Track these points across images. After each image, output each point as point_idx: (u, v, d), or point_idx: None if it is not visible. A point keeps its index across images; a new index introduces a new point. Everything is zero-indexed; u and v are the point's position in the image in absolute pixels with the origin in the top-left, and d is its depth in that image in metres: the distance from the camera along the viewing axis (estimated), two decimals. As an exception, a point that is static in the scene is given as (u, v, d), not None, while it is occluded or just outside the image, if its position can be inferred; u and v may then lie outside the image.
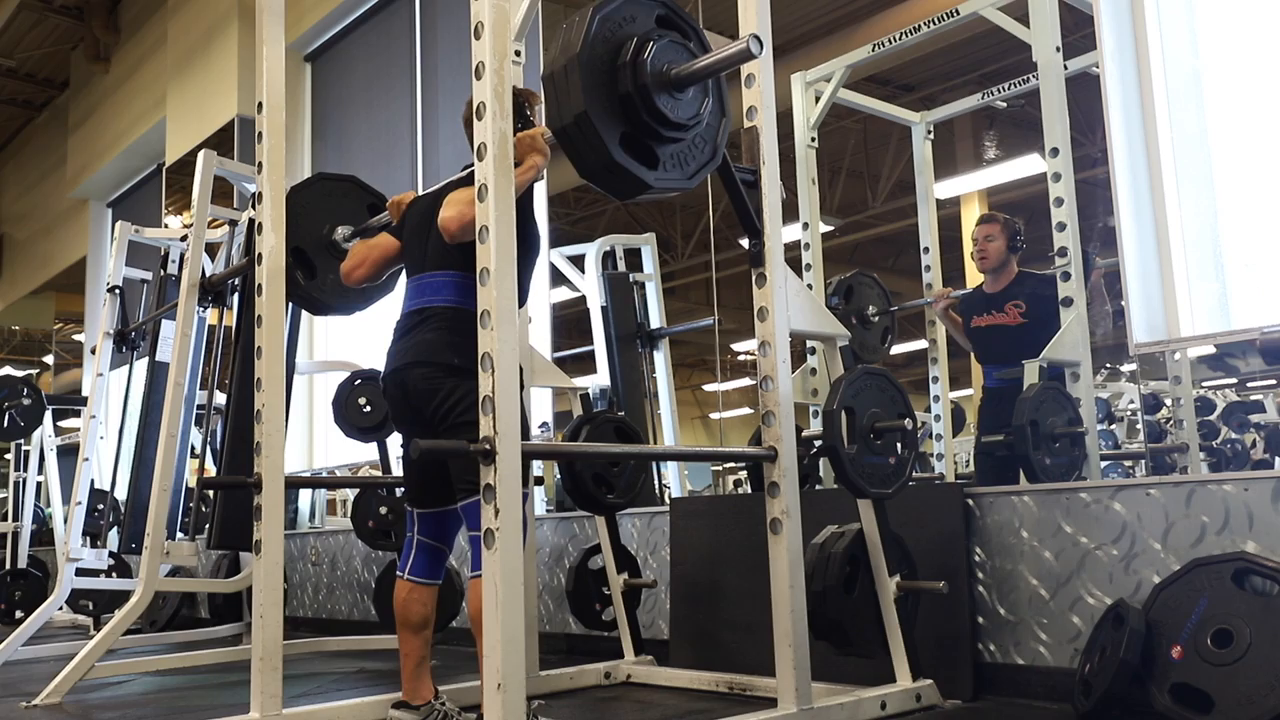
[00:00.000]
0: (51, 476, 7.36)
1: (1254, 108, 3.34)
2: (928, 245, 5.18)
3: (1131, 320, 3.33)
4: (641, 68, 2.23)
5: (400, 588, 2.86)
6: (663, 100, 2.26)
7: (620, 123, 2.24)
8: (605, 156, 2.22)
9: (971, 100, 5.23)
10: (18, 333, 16.09)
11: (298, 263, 3.37)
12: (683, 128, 2.32)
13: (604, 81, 2.22)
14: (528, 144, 2.59)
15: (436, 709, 2.80)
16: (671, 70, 2.28)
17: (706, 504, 4.53)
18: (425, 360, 2.70)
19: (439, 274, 2.79)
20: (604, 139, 2.20)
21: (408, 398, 2.75)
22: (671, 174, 2.35)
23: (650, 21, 2.33)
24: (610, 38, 2.24)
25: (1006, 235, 4.37)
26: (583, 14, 2.22)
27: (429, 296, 2.79)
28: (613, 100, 2.23)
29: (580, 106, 2.17)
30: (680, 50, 2.32)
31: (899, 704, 2.88)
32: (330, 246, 3.47)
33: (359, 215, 3.53)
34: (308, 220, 3.42)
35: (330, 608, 5.92)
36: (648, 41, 2.26)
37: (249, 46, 7.36)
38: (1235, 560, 2.58)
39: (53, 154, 11.97)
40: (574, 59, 2.17)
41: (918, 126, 5.31)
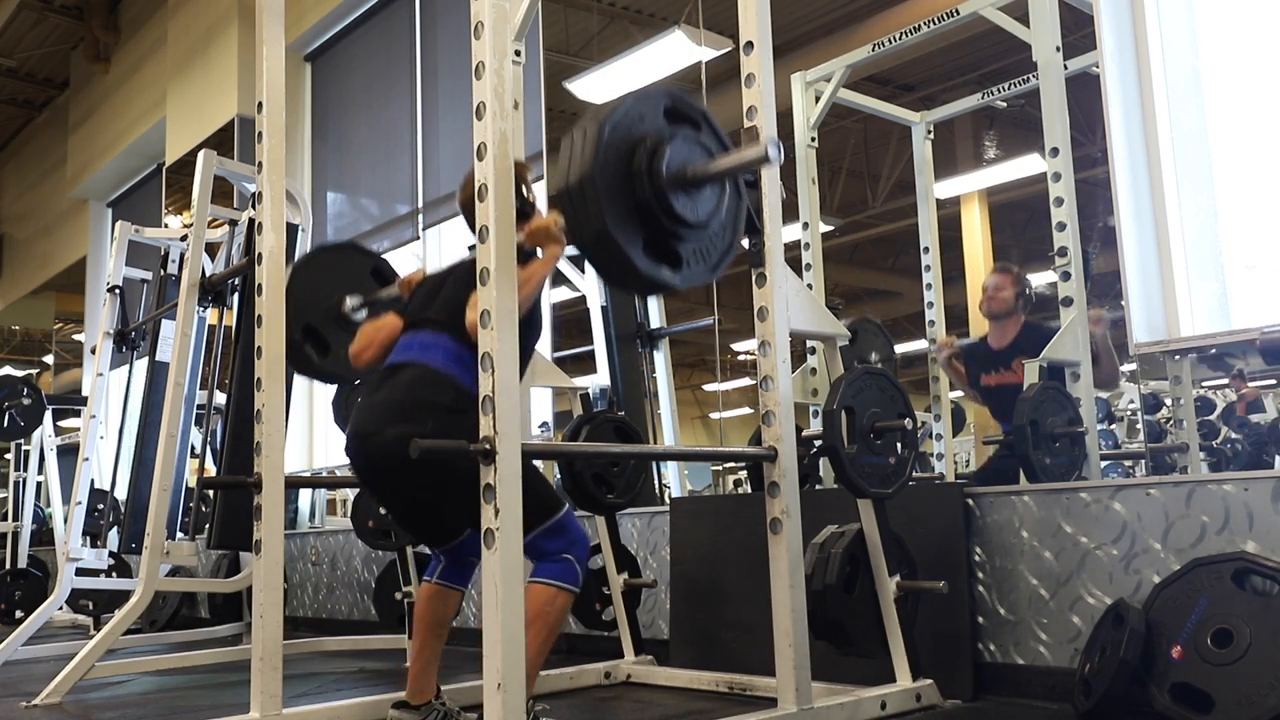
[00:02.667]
0: (51, 476, 7.36)
1: (1254, 108, 3.34)
2: (928, 245, 5.18)
3: (1131, 320, 3.33)
4: (657, 174, 2.16)
5: (424, 590, 2.86)
6: (680, 202, 2.19)
7: (640, 230, 2.18)
8: (629, 266, 2.17)
9: (971, 100, 5.23)
10: (18, 333, 16.09)
11: (310, 340, 3.34)
12: (703, 225, 2.27)
13: (621, 192, 2.15)
14: (543, 234, 2.55)
15: (436, 709, 2.80)
16: (687, 170, 2.21)
17: (706, 504, 4.54)
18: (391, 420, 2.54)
19: (432, 333, 2.69)
20: (627, 252, 2.14)
21: (372, 468, 2.65)
22: (696, 269, 2.30)
23: (659, 117, 2.25)
24: (622, 144, 2.17)
25: (1017, 289, 4.33)
26: (592, 121, 2.14)
27: (415, 353, 2.66)
28: (631, 210, 2.16)
29: (600, 224, 2.10)
30: (693, 147, 2.25)
31: (899, 704, 2.88)
32: (340, 318, 3.41)
33: (363, 279, 3.47)
34: (314, 295, 3.37)
35: (330, 608, 5.92)
36: (660, 143, 2.18)
37: (249, 46, 7.36)
38: (1235, 560, 2.58)
39: (53, 154, 11.97)
40: (589, 175, 2.09)
41: (918, 126, 5.31)
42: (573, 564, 2.57)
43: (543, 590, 2.51)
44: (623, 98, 2.20)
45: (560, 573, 2.54)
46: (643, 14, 7.45)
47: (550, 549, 2.53)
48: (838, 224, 9.58)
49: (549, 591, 2.52)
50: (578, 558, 2.59)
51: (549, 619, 2.51)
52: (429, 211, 6.70)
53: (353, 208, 7.63)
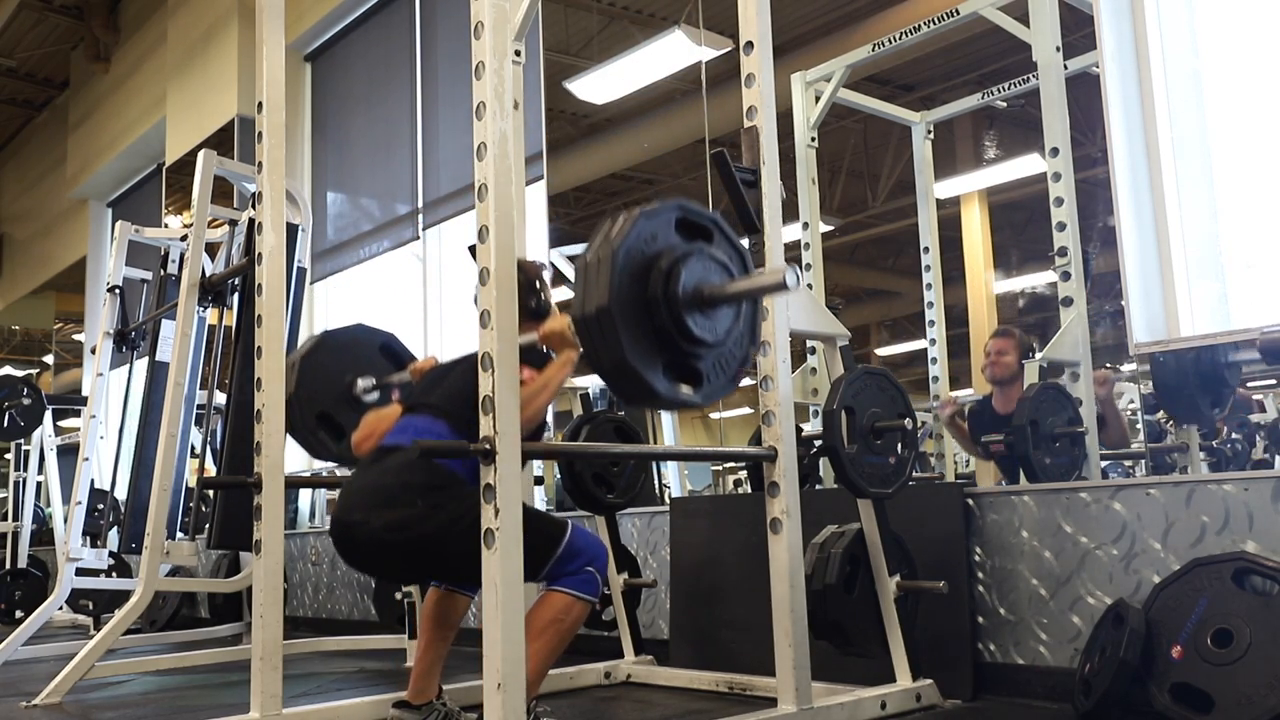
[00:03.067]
0: (51, 476, 7.35)
1: (1254, 108, 3.34)
2: (928, 245, 5.18)
3: (1131, 320, 3.33)
4: (674, 299, 2.13)
5: (433, 593, 2.87)
6: (698, 323, 2.17)
7: (659, 354, 2.16)
8: (650, 391, 2.15)
9: (971, 100, 5.23)
10: (18, 332, 16.09)
11: (324, 427, 3.34)
12: (721, 342, 2.25)
13: (638, 319, 2.13)
14: (558, 339, 2.56)
15: (437, 709, 2.80)
16: (704, 292, 2.18)
17: (706, 504, 4.53)
18: (375, 510, 2.52)
19: (429, 419, 2.67)
20: (647, 378, 2.13)
21: (357, 554, 2.63)
22: (716, 383, 2.28)
23: (671, 232, 2.22)
24: (636, 268, 2.14)
25: (1019, 351, 4.27)
26: (604, 251, 2.11)
27: (409, 437, 2.60)
28: (649, 335, 2.14)
29: (618, 353, 2.09)
30: (708, 263, 2.21)
31: (899, 703, 2.88)
32: (352, 400, 3.39)
33: (374, 359, 3.46)
34: (325, 381, 3.37)
35: (330, 607, 5.92)
36: (675, 265, 2.15)
37: (249, 46, 7.37)
38: (1235, 560, 2.58)
39: (52, 154, 11.96)
40: (605, 308, 2.07)
41: (918, 126, 5.31)
42: (593, 575, 2.61)
43: (560, 598, 2.55)
44: (634, 217, 2.16)
45: (580, 584, 2.58)
46: (643, 14, 7.45)
47: (570, 569, 2.57)
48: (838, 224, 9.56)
49: (566, 600, 2.56)
50: (598, 569, 2.63)
51: (562, 627, 2.55)
52: (429, 211, 6.70)
53: (353, 207, 7.63)
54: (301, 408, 3.28)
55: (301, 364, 3.30)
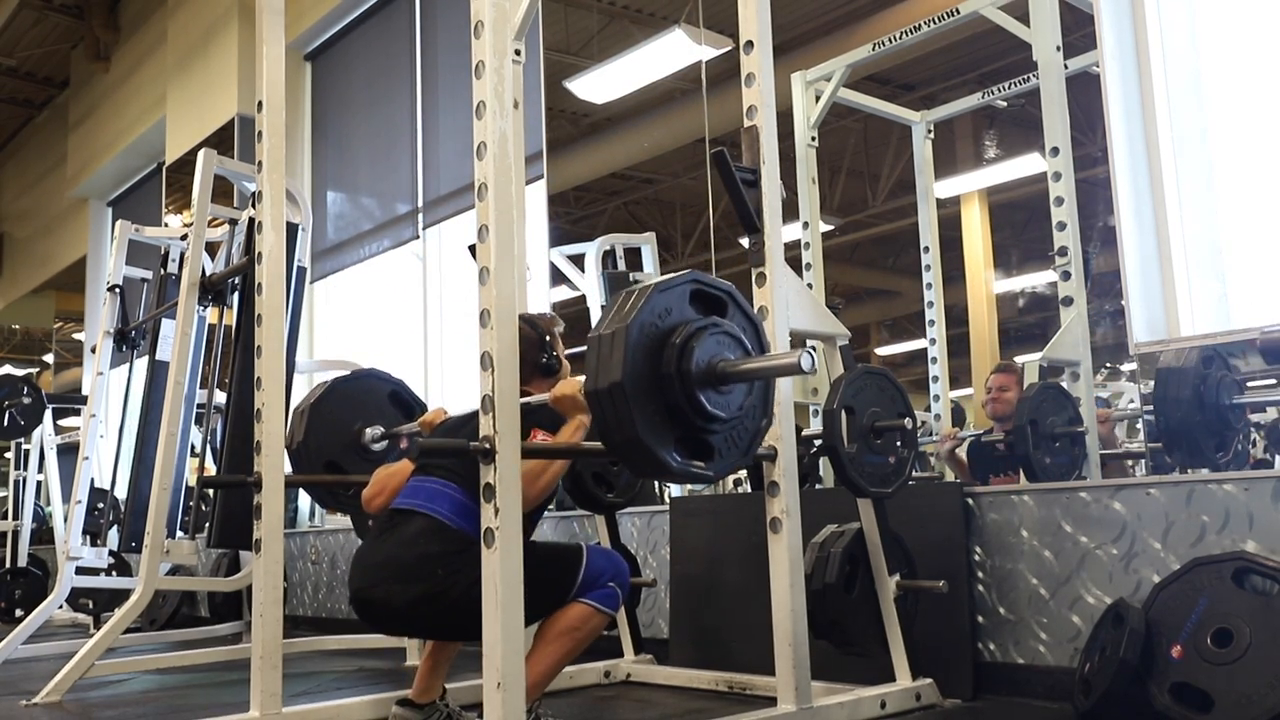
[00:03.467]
0: (51, 475, 7.36)
1: (1254, 107, 3.34)
2: (928, 245, 5.18)
3: (1131, 319, 3.33)
4: (687, 376, 2.13)
5: None
6: (711, 399, 2.17)
7: (671, 430, 2.16)
8: (663, 466, 2.16)
9: (972, 99, 5.23)
10: (18, 331, 16.09)
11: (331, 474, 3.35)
12: (733, 418, 2.25)
13: (650, 395, 2.12)
14: (569, 403, 2.55)
15: (440, 709, 2.80)
16: (717, 369, 2.18)
17: (706, 503, 4.53)
18: (395, 585, 2.53)
19: (440, 482, 2.64)
20: (659, 454, 2.13)
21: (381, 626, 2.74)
22: (729, 458, 2.29)
23: (685, 306, 2.22)
24: (650, 344, 2.13)
25: (1020, 387, 4.25)
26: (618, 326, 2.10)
27: (421, 501, 2.62)
28: (661, 411, 2.14)
29: (631, 430, 2.08)
30: (722, 341, 2.21)
31: (898, 703, 2.88)
32: (361, 450, 3.39)
33: (383, 408, 3.47)
34: (335, 429, 3.37)
35: (330, 606, 5.92)
36: (689, 341, 2.15)
37: (249, 45, 7.37)
38: (1235, 560, 2.58)
39: (53, 153, 11.96)
40: (618, 385, 2.06)
41: (918, 126, 5.31)
42: (615, 591, 2.64)
43: (581, 609, 2.57)
44: (649, 292, 2.16)
45: (603, 597, 2.61)
46: (643, 13, 7.44)
47: (594, 593, 2.60)
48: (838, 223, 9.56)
49: (586, 611, 2.58)
50: (621, 584, 2.67)
51: (578, 635, 2.57)
52: (429, 211, 6.70)
53: (353, 207, 7.63)
54: (309, 457, 3.28)
55: (310, 412, 3.29)
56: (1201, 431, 3.35)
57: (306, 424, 3.28)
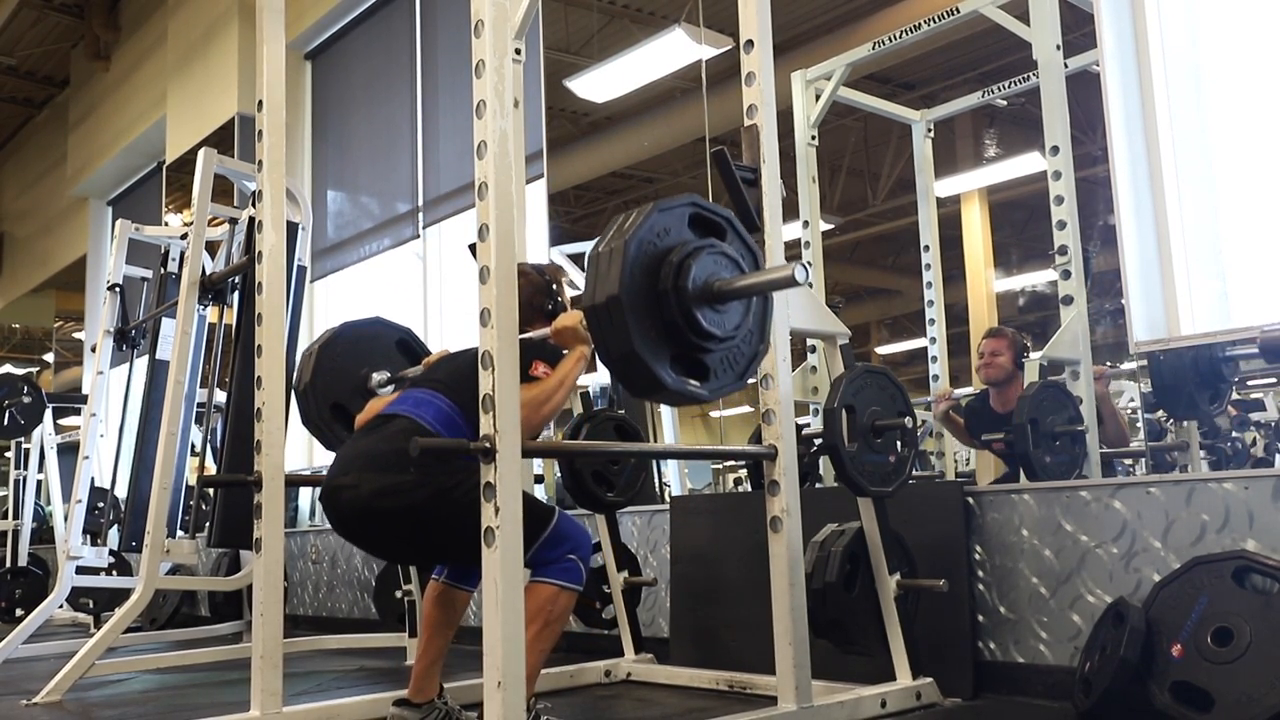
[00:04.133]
0: (52, 474, 7.36)
1: (1255, 106, 3.34)
2: (928, 244, 5.18)
3: (1132, 318, 3.33)
4: (683, 292, 2.15)
5: (432, 588, 2.85)
6: (707, 317, 2.19)
7: (667, 346, 2.18)
8: (657, 383, 2.17)
9: (972, 98, 5.23)
10: (18, 331, 16.09)
11: (338, 418, 3.33)
12: (729, 338, 2.27)
13: (647, 310, 2.14)
14: (570, 334, 2.57)
15: (438, 708, 2.80)
16: (713, 287, 2.20)
17: (706, 502, 4.54)
18: (365, 474, 2.52)
19: (429, 392, 2.68)
20: (654, 369, 2.14)
21: (345, 520, 2.60)
22: (724, 379, 2.30)
23: (684, 228, 2.24)
24: (648, 261, 2.15)
25: (1013, 351, 4.27)
26: (617, 242, 2.13)
27: (407, 407, 2.64)
28: (658, 327, 2.16)
29: (627, 344, 2.10)
30: (720, 260, 2.23)
31: (899, 702, 2.88)
32: (367, 394, 3.39)
33: (390, 353, 3.46)
34: (342, 373, 3.36)
35: (330, 606, 5.92)
36: (686, 259, 2.17)
37: (249, 44, 7.36)
38: (1235, 558, 2.58)
39: (53, 152, 11.96)
40: (615, 298, 2.09)
41: (918, 125, 5.31)
42: (576, 564, 2.58)
43: (544, 589, 2.51)
44: (648, 210, 2.18)
45: (563, 572, 2.55)
46: (643, 12, 7.44)
47: (552, 556, 2.54)
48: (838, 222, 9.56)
49: (550, 590, 2.52)
50: (581, 558, 2.60)
51: (549, 617, 2.51)
52: (429, 210, 6.70)
53: (353, 206, 7.63)
54: (316, 398, 3.29)
55: (319, 354, 3.30)
56: (1194, 383, 3.38)
57: (314, 366, 3.29)
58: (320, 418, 3.29)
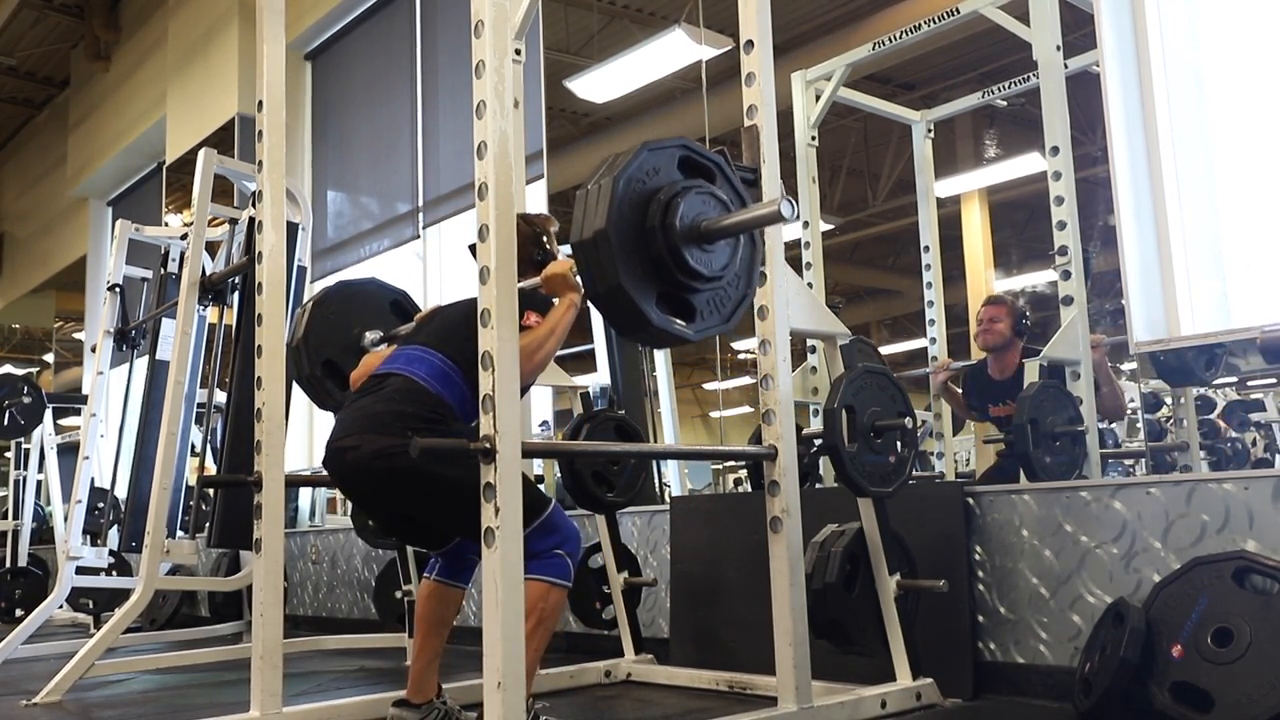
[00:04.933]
0: (52, 475, 7.36)
1: (1255, 106, 3.34)
2: (928, 244, 5.18)
3: (1132, 319, 3.33)
4: (671, 230, 2.16)
5: (424, 587, 2.85)
6: (694, 256, 2.20)
7: (654, 284, 2.19)
8: (643, 321, 2.17)
9: (972, 99, 5.23)
10: (18, 331, 16.09)
11: (330, 375, 3.35)
12: (717, 278, 2.27)
13: (635, 247, 2.16)
14: (560, 282, 2.58)
15: (437, 707, 2.80)
16: (701, 225, 2.21)
17: (707, 502, 4.54)
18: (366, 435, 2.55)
19: (421, 349, 2.70)
20: (640, 306, 2.15)
21: (347, 478, 2.66)
22: (710, 321, 2.31)
23: (673, 169, 2.26)
24: (636, 198, 2.17)
25: (1012, 318, 4.27)
26: (606, 178, 2.15)
27: (400, 365, 2.67)
28: (645, 264, 2.17)
29: (614, 279, 2.12)
30: (708, 200, 2.24)
31: (899, 702, 2.88)
32: (360, 352, 3.41)
33: (383, 314, 3.47)
34: (335, 330, 3.37)
35: (330, 606, 5.92)
36: (674, 198, 2.18)
37: (249, 45, 7.36)
38: (1235, 559, 2.58)
39: (53, 152, 11.97)
40: (603, 232, 2.10)
41: (918, 125, 5.31)
42: (564, 559, 2.58)
43: (534, 586, 2.49)
44: (637, 149, 2.20)
45: (551, 568, 2.54)
46: (643, 12, 7.44)
47: (541, 548, 2.52)
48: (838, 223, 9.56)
49: (541, 587, 2.51)
50: (569, 553, 2.60)
51: (542, 615, 2.50)
52: (429, 210, 6.70)
53: (353, 206, 7.63)
54: (309, 354, 3.29)
55: (312, 310, 3.30)
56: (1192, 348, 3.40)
57: (307, 322, 3.29)
58: (312, 374, 3.31)
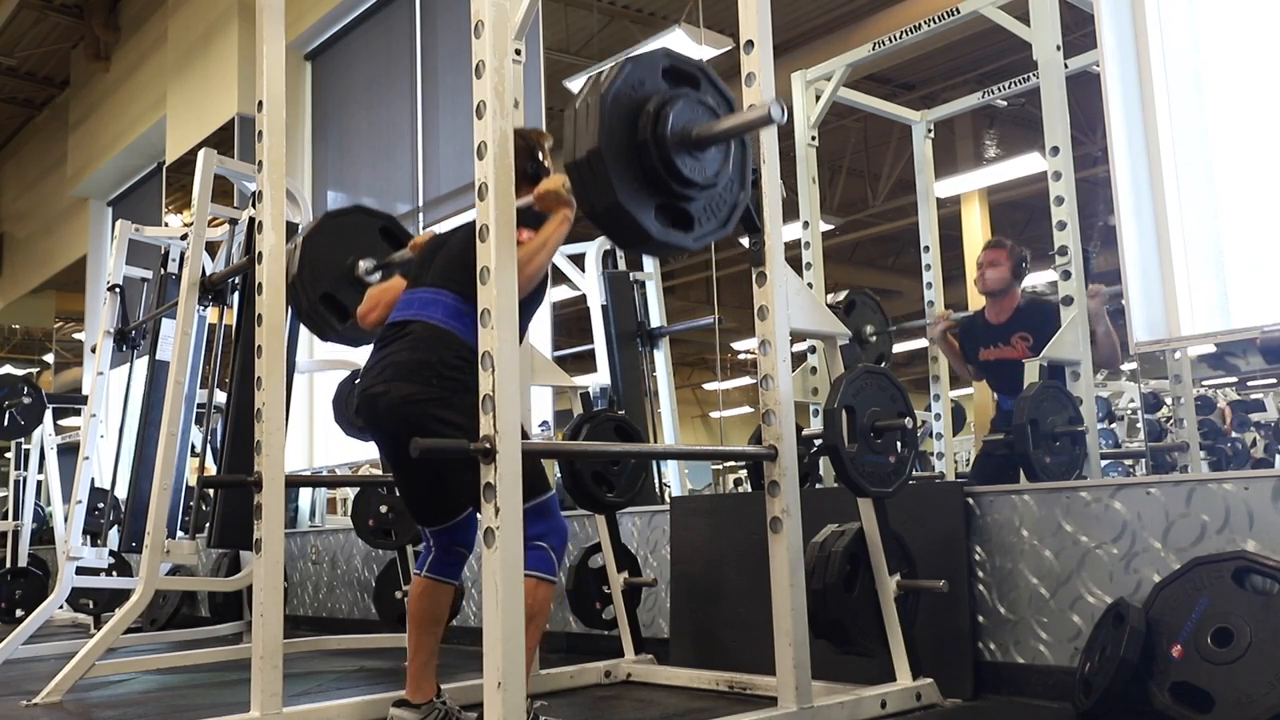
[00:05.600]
0: (52, 475, 7.35)
1: (1255, 106, 3.34)
2: (928, 244, 5.18)
3: (1132, 319, 3.33)
4: (663, 140, 2.19)
5: (416, 584, 2.85)
6: (687, 165, 2.23)
7: (651, 196, 2.21)
8: (643, 233, 2.20)
9: (972, 99, 5.23)
10: (18, 331, 16.11)
11: (328, 306, 3.36)
12: (711, 184, 2.30)
13: (628, 161, 2.19)
14: (552, 199, 2.60)
15: (437, 707, 2.80)
16: (692, 133, 2.23)
17: (707, 503, 4.53)
18: (398, 379, 2.64)
19: (432, 290, 2.76)
20: (640, 220, 2.18)
21: (380, 423, 2.72)
22: (708, 227, 2.34)
23: (659, 79, 2.27)
24: (625, 112, 2.19)
25: (1011, 262, 4.27)
26: (593, 96, 2.17)
27: (415, 310, 2.75)
28: (640, 177, 2.20)
29: (611, 195, 2.14)
30: (695, 106, 2.26)
31: (899, 702, 2.88)
32: (355, 282, 3.43)
33: (374, 242, 3.48)
34: (327, 262, 3.38)
35: (330, 606, 5.92)
36: (663, 108, 2.21)
37: (249, 45, 7.36)
38: (1235, 559, 2.58)
39: (53, 152, 11.97)
40: (596, 151, 2.13)
41: (918, 125, 5.31)
42: (548, 553, 2.59)
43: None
44: (621, 63, 2.23)
45: (537, 561, 2.54)
46: (643, 13, 7.45)
47: (527, 533, 2.51)
48: (838, 223, 9.58)
49: (528, 583, 2.44)
50: (554, 546, 2.61)
51: (531, 610, 2.46)
52: (429, 210, 6.70)
53: (353, 206, 7.62)
54: (305, 289, 3.31)
55: (304, 246, 3.31)
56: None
57: (300, 258, 3.31)
58: (312, 309, 3.34)
